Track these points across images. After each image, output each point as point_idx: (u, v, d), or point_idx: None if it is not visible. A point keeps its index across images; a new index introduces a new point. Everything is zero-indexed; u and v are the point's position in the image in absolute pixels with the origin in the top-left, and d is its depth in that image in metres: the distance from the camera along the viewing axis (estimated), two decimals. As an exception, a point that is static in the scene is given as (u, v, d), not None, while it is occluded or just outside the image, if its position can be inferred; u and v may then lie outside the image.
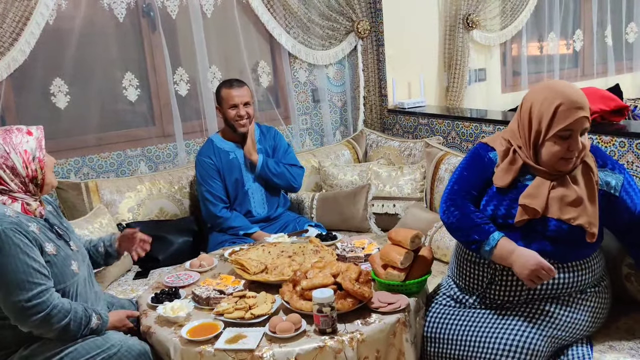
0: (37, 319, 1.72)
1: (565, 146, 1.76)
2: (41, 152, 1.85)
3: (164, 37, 3.26)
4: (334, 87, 3.94)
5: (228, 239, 2.88)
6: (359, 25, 3.76)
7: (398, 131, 3.91)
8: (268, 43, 3.69)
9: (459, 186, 1.94)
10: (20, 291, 1.70)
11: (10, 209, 1.78)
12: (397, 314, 1.83)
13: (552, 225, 1.79)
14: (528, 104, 1.84)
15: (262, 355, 1.67)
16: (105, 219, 2.80)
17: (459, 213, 1.88)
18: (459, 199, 1.91)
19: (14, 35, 2.85)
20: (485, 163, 1.94)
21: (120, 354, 1.81)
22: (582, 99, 1.76)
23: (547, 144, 1.78)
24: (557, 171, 1.81)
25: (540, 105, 1.78)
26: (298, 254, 2.27)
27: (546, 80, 1.98)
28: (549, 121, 1.76)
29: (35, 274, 1.73)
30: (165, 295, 2.04)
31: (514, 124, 1.91)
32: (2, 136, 1.80)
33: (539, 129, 1.79)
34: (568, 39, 4.84)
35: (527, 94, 1.88)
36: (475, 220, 1.85)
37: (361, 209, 3.14)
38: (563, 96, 1.74)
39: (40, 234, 1.81)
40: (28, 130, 1.85)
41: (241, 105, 2.93)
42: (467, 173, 1.96)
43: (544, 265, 1.73)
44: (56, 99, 3.09)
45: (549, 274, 1.73)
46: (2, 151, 1.78)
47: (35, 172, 1.83)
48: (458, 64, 4.04)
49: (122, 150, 3.31)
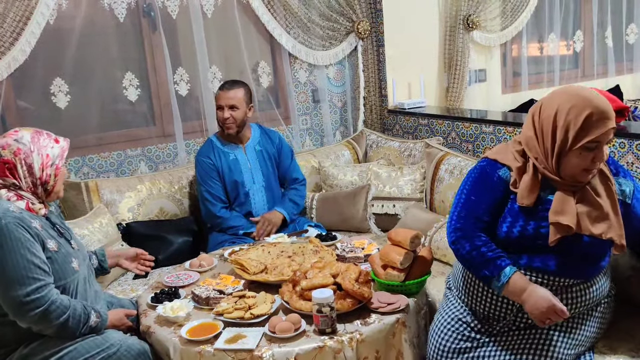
0: (35, 314, 1.72)
1: (591, 157, 1.66)
2: (61, 161, 1.92)
3: (164, 37, 3.26)
4: (334, 88, 3.94)
5: (228, 239, 2.88)
6: (359, 25, 3.76)
7: (398, 132, 3.91)
8: (268, 43, 3.70)
9: (467, 212, 1.78)
10: (19, 286, 1.71)
11: (14, 205, 1.80)
12: (397, 314, 1.83)
13: (585, 242, 1.70)
14: (551, 111, 1.69)
15: (261, 355, 1.67)
16: (105, 219, 2.80)
17: (470, 246, 1.74)
18: (469, 229, 1.76)
19: (15, 35, 2.85)
20: (494, 183, 1.78)
21: (119, 353, 1.82)
22: (610, 108, 1.65)
23: (571, 155, 1.67)
24: (577, 182, 1.71)
25: (567, 114, 1.65)
26: (298, 254, 2.27)
27: (567, 86, 1.83)
28: (577, 131, 1.63)
29: (34, 269, 1.74)
30: (165, 295, 2.04)
31: (530, 131, 1.76)
32: (32, 135, 1.87)
33: (565, 139, 1.66)
34: (568, 39, 4.84)
35: (547, 100, 1.74)
36: (486, 255, 1.72)
37: (361, 209, 3.14)
38: (592, 105, 1.63)
39: (42, 231, 1.83)
40: (56, 138, 1.93)
41: (226, 107, 2.92)
42: (476, 197, 1.79)
43: (557, 307, 1.65)
44: (56, 99, 3.09)
45: (560, 316, 1.65)
46: (27, 148, 1.84)
47: (48, 177, 1.88)
48: (458, 65, 4.04)
49: (122, 150, 3.31)
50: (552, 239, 1.68)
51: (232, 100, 2.91)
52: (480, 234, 1.76)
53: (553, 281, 1.72)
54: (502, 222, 1.76)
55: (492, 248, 1.74)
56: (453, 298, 1.91)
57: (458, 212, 1.81)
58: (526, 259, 1.74)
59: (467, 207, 1.79)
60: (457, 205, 1.82)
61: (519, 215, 1.74)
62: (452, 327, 1.82)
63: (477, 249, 1.73)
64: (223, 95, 2.93)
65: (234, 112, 2.93)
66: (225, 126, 2.95)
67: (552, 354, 1.70)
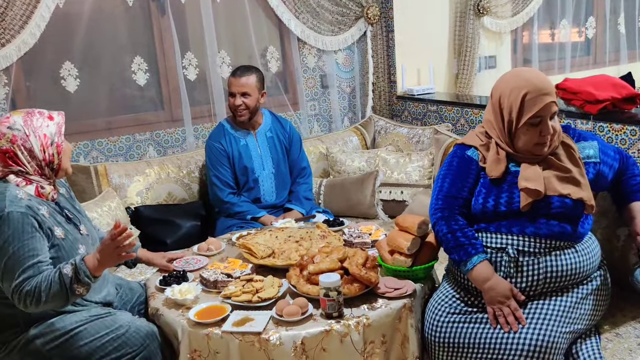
0: (25, 305, 1.71)
1: (537, 132, 1.80)
2: (60, 137, 1.85)
3: (173, 21, 3.25)
4: (343, 73, 3.93)
5: (236, 223, 2.89)
6: (368, 10, 3.73)
7: (407, 118, 3.89)
8: (277, 28, 3.68)
9: (445, 194, 1.93)
10: (10, 278, 1.70)
11: (23, 191, 1.79)
12: (403, 299, 1.84)
13: (555, 202, 1.80)
14: (497, 96, 1.87)
15: (268, 338, 1.68)
16: (114, 203, 2.82)
17: (447, 228, 1.87)
18: (447, 210, 1.90)
19: (24, 19, 2.85)
20: (465, 162, 1.95)
21: (128, 334, 1.84)
22: (547, 85, 1.80)
23: (519, 132, 1.82)
24: (535, 156, 1.85)
25: (509, 96, 1.82)
26: (305, 239, 2.28)
27: (512, 69, 2.01)
28: (518, 111, 1.79)
29: (28, 258, 1.71)
30: (173, 278, 2.05)
31: (487, 114, 1.94)
32: (24, 118, 1.82)
33: (510, 119, 1.82)
34: (580, 26, 4.79)
35: (495, 85, 1.92)
36: (459, 240, 1.84)
37: (369, 195, 3.14)
38: (528, 84, 1.78)
39: (50, 218, 1.82)
40: (50, 114, 1.86)
41: (238, 95, 2.89)
42: (451, 178, 1.95)
43: (511, 303, 1.77)
44: (66, 83, 3.10)
45: (511, 311, 1.77)
46: (22, 133, 1.79)
47: (52, 157, 1.84)
48: (468, 51, 4.01)
49: (131, 134, 3.32)
50: (524, 203, 1.80)
51: (244, 88, 2.89)
52: (458, 217, 1.90)
53: (535, 242, 1.81)
54: (477, 196, 1.90)
55: (466, 234, 1.86)
56: (449, 279, 1.99)
57: (436, 195, 1.96)
58: (505, 226, 1.84)
59: (445, 190, 1.94)
60: (436, 189, 1.98)
61: (491, 187, 1.88)
62: (445, 303, 1.90)
63: (452, 233, 1.86)
64: (235, 82, 2.90)
65: (246, 99, 2.91)
66: (237, 113, 2.94)
67: (547, 327, 1.73)
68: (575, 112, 2.81)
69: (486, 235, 1.87)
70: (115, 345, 1.82)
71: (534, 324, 1.75)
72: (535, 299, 1.81)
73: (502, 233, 1.84)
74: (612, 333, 1.87)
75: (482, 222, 1.89)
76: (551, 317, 1.76)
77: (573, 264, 1.80)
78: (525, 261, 1.80)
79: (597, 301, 1.86)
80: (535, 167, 1.83)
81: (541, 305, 1.79)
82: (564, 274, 1.79)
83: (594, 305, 1.84)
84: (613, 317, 1.94)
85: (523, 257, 1.80)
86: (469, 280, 1.86)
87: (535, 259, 1.79)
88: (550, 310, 1.77)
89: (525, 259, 1.80)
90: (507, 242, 1.83)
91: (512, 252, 1.81)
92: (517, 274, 1.81)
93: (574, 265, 1.80)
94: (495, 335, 1.77)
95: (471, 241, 1.84)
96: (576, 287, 1.83)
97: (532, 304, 1.80)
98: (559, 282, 1.80)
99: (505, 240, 1.83)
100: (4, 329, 1.83)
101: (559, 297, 1.80)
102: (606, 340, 1.84)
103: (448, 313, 1.86)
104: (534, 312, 1.78)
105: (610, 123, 2.65)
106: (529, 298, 1.82)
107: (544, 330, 1.73)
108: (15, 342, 1.81)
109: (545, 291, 1.81)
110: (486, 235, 1.87)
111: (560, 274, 1.79)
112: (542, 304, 1.79)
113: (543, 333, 1.72)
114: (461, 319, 1.85)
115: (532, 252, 1.80)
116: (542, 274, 1.79)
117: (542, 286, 1.80)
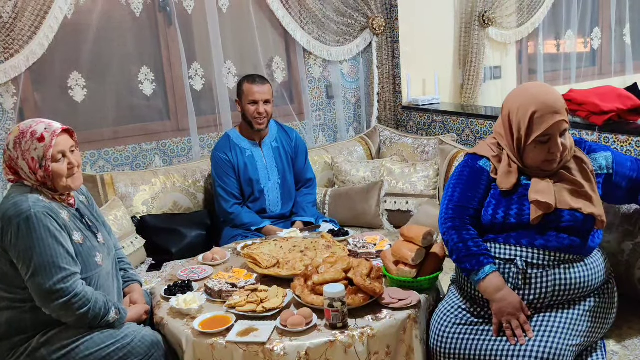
0: (58, 304, 1.75)
1: (546, 149, 1.79)
2: (48, 161, 1.80)
3: (179, 32, 3.28)
4: (348, 84, 3.94)
5: (241, 233, 2.89)
6: (374, 21, 3.75)
7: (412, 128, 3.90)
8: (283, 39, 3.70)
9: (456, 204, 1.91)
10: (46, 274, 1.74)
11: (43, 194, 1.83)
12: (408, 310, 1.83)
13: (566, 216, 1.79)
14: (506, 112, 1.86)
15: (273, 348, 1.68)
16: (120, 212, 2.83)
17: (458, 238, 1.86)
18: (458, 220, 1.89)
19: (33, 29, 2.88)
20: (477, 172, 1.93)
21: (133, 344, 1.84)
22: (557, 102, 1.77)
23: (528, 149, 1.81)
24: (544, 172, 1.84)
25: (517, 113, 1.81)
26: (310, 249, 2.28)
27: (523, 84, 1.98)
28: (526, 129, 1.78)
29: (62, 258, 1.76)
30: (178, 288, 2.06)
31: (498, 127, 1.93)
32: (15, 140, 1.83)
33: (519, 137, 1.81)
34: (586, 37, 4.79)
35: (505, 99, 1.90)
36: (471, 249, 1.83)
37: (374, 205, 3.14)
38: (537, 102, 1.77)
39: (70, 222, 1.86)
40: (41, 135, 1.81)
41: (261, 102, 2.91)
42: (462, 188, 1.93)
43: (520, 316, 1.75)
44: (73, 93, 3.12)
45: (520, 324, 1.74)
46: (14, 154, 1.83)
47: (44, 179, 1.84)
48: (473, 62, 4.02)
49: (138, 144, 3.34)
50: (534, 216, 1.78)
51: (267, 95, 2.92)
52: (469, 227, 1.88)
53: (544, 255, 1.79)
54: (487, 207, 1.89)
55: (478, 244, 1.84)
56: (455, 290, 1.97)
57: (446, 204, 1.94)
58: (514, 237, 1.83)
59: (455, 199, 1.92)
60: (446, 198, 1.96)
61: (501, 199, 1.87)
62: (451, 314, 1.88)
63: (464, 242, 1.85)
64: (258, 89, 2.91)
65: (268, 107, 2.94)
66: (258, 121, 2.94)
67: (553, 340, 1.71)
68: (581, 123, 2.81)
69: (495, 246, 1.86)
70: (121, 355, 1.82)
71: (540, 337, 1.73)
72: (542, 312, 1.79)
73: (511, 244, 1.83)
74: (618, 345, 1.86)
75: (490, 233, 1.88)
76: (558, 330, 1.74)
77: (581, 278, 1.79)
78: (534, 273, 1.79)
79: (604, 314, 1.84)
80: (547, 181, 1.82)
81: (547, 318, 1.77)
82: (572, 287, 1.78)
83: (601, 319, 1.83)
84: (619, 330, 1.93)
85: (532, 269, 1.79)
86: (477, 291, 1.84)
87: (543, 271, 1.78)
88: (557, 323, 1.76)
89: (534, 272, 1.79)
90: (515, 254, 1.82)
91: (521, 264, 1.79)
92: (525, 286, 1.79)
93: (583, 279, 1.79)
94: (501, 347, 1.76)
95: (483, 251, 1.83)
96: (583, 300, 1.81)
97: (539, 317, 1.78)
98: (567, 295, 1.79)
99: (514, 252, 1.82)
100: (13, 335, 1.84)
101: (566, 310, 1.79)
102: (612, 353, 1.83)
103: (454, 324, 1.85)
104: (541, 325, 1.76)
105: (615, 134, 2.64)
106: (536, 310, 1.80)
107: (551, 343, 1.71)
108: (23, 349, 1.82)
109: (552, 304, 1.80)
110: (495, 246, 1.86)
111: (569, 287, 1.78)
112: (549, 317, 1.78)
113: (550, 346, 1.70)
114: (467, 330, 1.84)
115: (540, 265, 1.79)
116: (551, 286, 1.77)
117: (550, 299, 1.79)
